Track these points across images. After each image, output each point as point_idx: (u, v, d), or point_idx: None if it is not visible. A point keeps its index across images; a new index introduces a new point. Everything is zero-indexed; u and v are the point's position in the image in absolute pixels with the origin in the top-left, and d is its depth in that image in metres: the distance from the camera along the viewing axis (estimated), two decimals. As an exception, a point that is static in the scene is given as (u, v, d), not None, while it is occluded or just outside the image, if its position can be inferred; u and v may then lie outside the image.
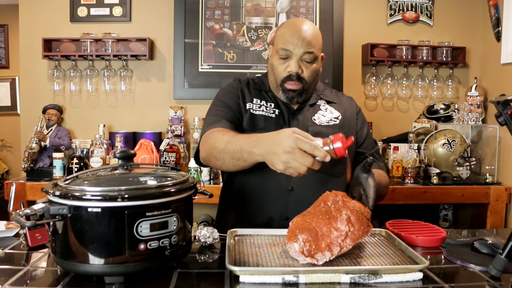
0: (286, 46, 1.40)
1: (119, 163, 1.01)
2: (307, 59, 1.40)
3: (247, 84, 1.55)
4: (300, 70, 1.41)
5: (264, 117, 1.45)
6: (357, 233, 1.00)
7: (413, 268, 0.92)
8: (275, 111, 1.47)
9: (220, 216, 1.57)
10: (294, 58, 1.40)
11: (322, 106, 1.52)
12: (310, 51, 1.39)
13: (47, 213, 0.87)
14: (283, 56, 1.41)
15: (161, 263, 0.92)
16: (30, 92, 2.80)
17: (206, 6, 2.79)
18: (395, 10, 2.90)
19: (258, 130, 1.42)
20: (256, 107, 1.47)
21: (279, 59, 1.42)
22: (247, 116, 1.45)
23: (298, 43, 1.38)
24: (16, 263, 1.03)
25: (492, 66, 2.77)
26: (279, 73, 1.43)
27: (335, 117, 1.50)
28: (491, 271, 0.94)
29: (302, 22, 1.43)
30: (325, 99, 1.54)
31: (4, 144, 4.37)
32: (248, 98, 1.49)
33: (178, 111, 2.75)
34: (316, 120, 1.47)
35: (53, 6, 2.77)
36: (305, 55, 1.40)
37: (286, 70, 1.41)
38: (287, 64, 1.41)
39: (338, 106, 1.54)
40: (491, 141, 2.66)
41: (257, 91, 1.52)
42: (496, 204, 2.47)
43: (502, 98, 0.95)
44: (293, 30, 1.40)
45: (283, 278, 0.89)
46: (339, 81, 2.81)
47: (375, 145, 1.58)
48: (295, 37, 1.39)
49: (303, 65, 1.41)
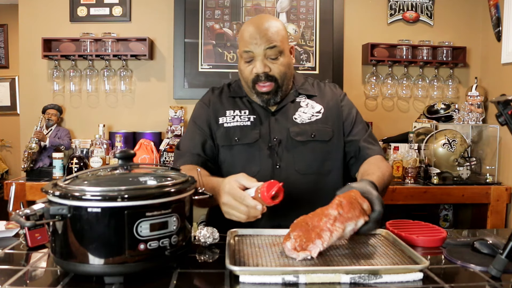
0: (247, 48, 1.35)
1: (119, 163, 1.01)
2: (272, 56, 1.35)
3: (220, 94, 1.51)
4: (267, 69, 1.36)
5: (239, 128, 1.41)
6: (346, 216, 0.99)
7: (413, 268, 0.92)
8: (249, 118, 1.42)
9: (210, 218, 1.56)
10: (258, 58, 1.35)
11: (303, 102, 1.47)
12: (271, 46, 1.34)
13: (47, 213, 0.87)
14: (247, 59, 1.37)
15: (161, 263, 0.92)
16: (29, 92, 2.80)
17: (206, 6, 2.79)
18: (395, 10, 2.90)
19: (235, 141, 1.40)
20: (229, 119, 1.43)
21: (245, 63, 1.38)
22: (221, 131, 1.42)
23: (257, 42, 1.33)
24: (16, 263, 1.02)
25: (492, 66, 2.77)
26: (247, 77, 1.39)
27: (316, 112, 1.45)
28: (491, 271, 0.94)
29: (259, 19, 1.39)
30: (305, 93, 1.49)
31: (3, 144, 4.37)
32: (220, 112, 1.45)
33: (178, 111, 2.75)
34: (297, 119, 1.43)
35: (52, 6, 2.77)
36: (268, 52, 1.34)
37: (252, 72, 1.37)
38: (253, 66, 1.36)
39: (320, 99, 1.48)
40: (492, 141, 2.65)
41: (231, 99, 1.48)
42: (496, 204, 2.47)
43: (503, 98, 0.95)
44: (251, 29, 1.35)
45: (283, 278, 0.89)
46: (339, 81, 2.81)
47: (367, 129, 1.50)
48: (253, 36, 1.34)
49: (269, 63, 1.36)
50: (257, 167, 1.38)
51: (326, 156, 1.42)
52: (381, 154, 1.45)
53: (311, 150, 1.40)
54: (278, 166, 1.37)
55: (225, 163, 1.42)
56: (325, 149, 1.42)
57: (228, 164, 1.42)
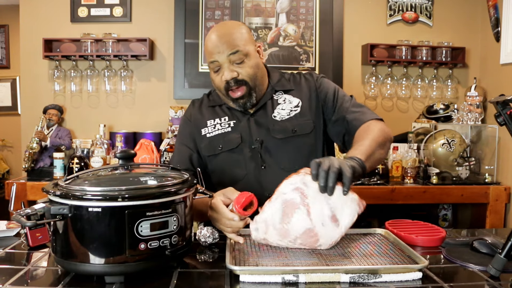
0: (211, 58, 1.36)
1: (120, 163, 1.02)
2: (237, 60, 1.35)
3: (200, 106, 1.52)
4: (235, 74, 1.35)
5: (221, 136, 1.41)
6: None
7: (412, 268, 0.93)
8: (230, 124, 1.43)
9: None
10: (224, 65, 1.35)
11: (280, 98, 1.46)
12: (234, 51, 1.33)
13: (48, 213, 0.87)
14: (215, 69, 1.38)
15: (161, 263, 0.92)
16: (30, 92, 2.81)
17: (206, 6, 2.79)
18: (395, 11, 2.90)
19: (219, 150, 1.40)
20: (211, 129, 1.44)
21: (214, 73, 1.39)
22: (205, 142, 1.43)
23: (219, 50, 1.33)
24: (16, 262, 1.03)
25: (491, 66, 2.77)
26: (219, 86, 1.39)
27: (294, 106, 1.43)
28: (490, 270, 0.94)
29: (218, 28, 1.39)
30: (281, 89, 1.47)
31: (4, 144, 4.37)
32: (201, 123, 1.46)
33: (178, 111, 2.75)
34: (277, 117, 1.41)
35: (53, 6, 2.77)
36: (232, 58, 1.34)
37: (222, 80, 1.36)
38: (221, 74, 1.36)
39: (297, 92, 1.47)
40: (491, 141, 2.66)
41: (211, 109, 1.49)
42: (495, 204, 2.48)
43: (501, 98, 0.95)
44: (212, 39, 1.36)
45: (283, 277, 0.89)
46: (339, 81, 2.81)
47: (350, 100, 1.43)
48: (215, 45, 1.34)
49: (236, 67, 1.35)
50: (243, 171, 1.38)
51: (310, 149, 1.41)
52: (370, 117, 1.36)
53: (294, 146, 1.39)
54: (264, 167, 1.37)
55: (214, 172, 1.44)
56: (308, 142, 1.40)
57: (217, 173, 1.43)
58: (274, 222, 1.02)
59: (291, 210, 1.00)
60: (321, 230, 1.00)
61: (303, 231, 1.01)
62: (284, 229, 1.01)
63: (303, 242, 1.02)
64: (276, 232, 1.02)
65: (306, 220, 1.00)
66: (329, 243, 1.02)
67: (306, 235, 1.01)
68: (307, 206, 1.00)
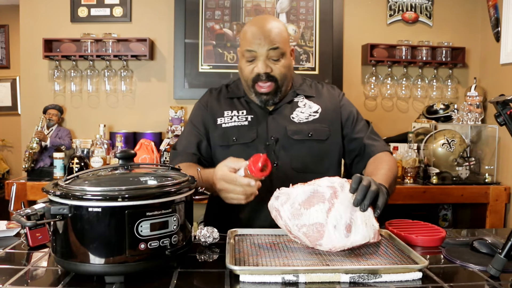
0: (250, 47, 1.36)
1: (120, 163, 1.02)
2: (274, 57, 1.36)
3: (218, 94, 1.53)
4: (269, 69, 1.37)
5: (237, 128, 1.42)
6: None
7: (412, 268, 0.93)
8: (247, 118, 1.44)
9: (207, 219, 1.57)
10: (260, 58, 1.36)
11: (300, 102, 1.48)
12: (274, 47, 1.35)
13: (48, 213, 0.87)
14: (249, 59, 1.38)
15: (161, 263, 0.92)
16: (30, 92, 2.81)
17: (206, 6, 2.79)
18: (395, 11, 2.90)
19: (233, 141, 1.41)
20: (227, 119, 1.45)
21: (246, 62, 1.39)
22: (219, 132, 1.43)
23: (261, 42, 1.34)
24: (16, 262, 1.03)
25: (491, 66, 2.77)
26: (247, 76, 1.40)
27: (314, 112, 1.46)
28: (490, 270, 0.94)
29: (263, 20, 1.40)
30: (303, 94, 1.50)
31: (4, 144, 4.37)
32: (218, 112, 1.47)
33: (178, 111, 2.75)
34: (295, 118, 1.44)
35: (53, 6, 2.77)
36: (270, 53, 1.36)
37: (253, 71, 1.38)
38: (254, 65, 1.37)
39: (318, 99, 1.49)
40: (491, 141, 2.66)
41: (229, 100, 1.50)
42: (495, 204, 2.48)
43: (501, 98, 0.95)
44: (254, 29, 1.37)
45: (283, 277, 0.89)
46: (339, 81, 2.81)
47: (368, 126, 1.51)
48: (257, 36, 1.35)
49: (271, 63, 1.37)
50: None
51: (323, 156, 1.43)
52: (386, 149, 1.47)
53: (308, 149, 1.41)
54: (276, 164, 1.38)
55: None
56: (322, 148, 1.43)
57: None
58: (295, 201, 1.03)
59: (316, 200, 1.02)
60: (330, 231, 1.00)
61: (314, 223, 1.00)
62: (299, 212, 1.02)
63: (307, 232, 1.01)
64: (291, 210, 1.03)
65: (323, 215, 1.00)
66: (329, 247, 1.01)
67: (314, 227, 1.00)
68: (331, 205, 1.01)
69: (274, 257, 1.00)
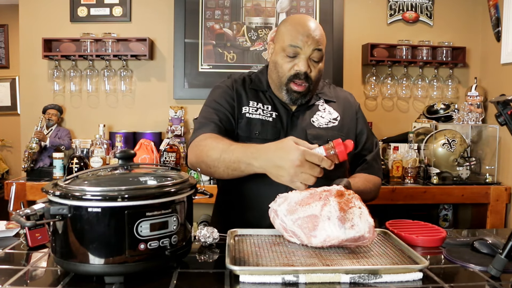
0: (295, 43, 1.32)
1: (119, 163, 1.01)
2: (315, 58, 1.34)
3: (242, 83, 1.47)
4: (309, 70, 1.34)
5: (261, 121, 1.39)
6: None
7: (413, 268, 0.92)
8: (272, 114, 1.41)
9: (215, 220, 1.54)
10: (303, 56, 1.33)
11: (321, 106, 1.47)
12: (319, 48, 1.33)
13: (47, 213, 0.87)
14: (290, 54, 1.34)
15: (161, 263, 0.92)
16: (30, 92, 2.80)
17: (206, 6, 2.79)
18: (395, 10, 2.90)
19: (255, 135, 1.37)
20: (252, 110, 1.41)
21: (286, 57, 1.35)
22: (243, 121, 1.39)
23: (308, 41, 1.32)
24: (16, 263, 1.03)
25: (492, 66, 2.77)
26: (284, 72, 1.36)
27: (333, 118, 1.45)
28: (491, 271, 0.94)
29: (309, 19, 1.38)
30: (324, 98, 1.49)
31: (4, 144, 4.36)
32: (244, 101, 1.43)
33: (178, 111, 2.75)
34: (315, 122, 1.42)
35: (53, 6, 2.77)
36: (314, 54, 1.33)
37: (293, 68, 1.34)
38: (295, 63, 1.34)
39: (337, 106, 1.49)
40: (491, 141, 2.66)
41: (253, 91, 1.46)
42: (496, 204, 2.47)
43: (502, 98, 0.95)
44: (302, 26, 1.34)
45: (283, 278, 0.89)
46: (339, 81, 2.81)
47: (374, 147, 1.53)
48: (305, 34, 1.32)
49: (311, 64, 1.35)
50: None
51: (337, 164, 1.42)
52: (380, 176, 1.52)
53: None
54: None
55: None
56: None
57: None
58: (291, 200, 1.07)
59: (312, 200, 1.05)
60: (324, 221, 1.01)
61: (308, 215, 1.03)
62: (294, 208, 1.05)
63: (301, 224, 1.03)
64: (287, 207, 1.06)
65: (317, 209, 1.03)
66: (323, 237, 1.00)
67: (308, 218, 1.03)
68: (326, 201, 1.03)
69: (274, 257, 1.00)
